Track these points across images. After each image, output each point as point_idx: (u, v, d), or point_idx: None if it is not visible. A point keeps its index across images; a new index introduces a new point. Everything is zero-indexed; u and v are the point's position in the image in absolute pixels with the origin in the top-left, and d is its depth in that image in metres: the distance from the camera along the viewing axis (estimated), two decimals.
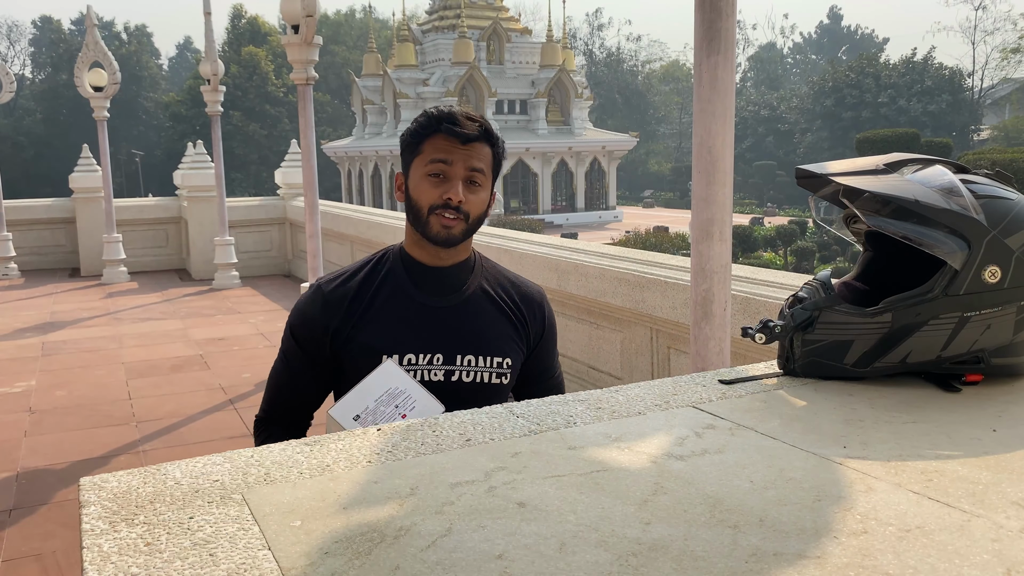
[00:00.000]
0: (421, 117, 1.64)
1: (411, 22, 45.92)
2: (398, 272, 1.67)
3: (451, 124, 1.59)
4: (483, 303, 1.68)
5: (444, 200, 1.57)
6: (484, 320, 1.67)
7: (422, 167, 1.60)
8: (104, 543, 0.72)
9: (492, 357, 1.65)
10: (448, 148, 1.58)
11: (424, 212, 1.59)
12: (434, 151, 1.59)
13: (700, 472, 0.86)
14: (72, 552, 3.37)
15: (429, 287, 1.65)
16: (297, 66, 5.75)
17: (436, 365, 1.61)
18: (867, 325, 1.12)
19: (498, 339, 1.67)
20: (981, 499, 0.80)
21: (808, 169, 1.18)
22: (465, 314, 1.66)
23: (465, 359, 1.63)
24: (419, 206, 1.60)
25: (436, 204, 1.58)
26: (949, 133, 43.41)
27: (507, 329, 1.70)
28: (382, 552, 0.70)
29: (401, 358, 1.59)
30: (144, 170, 49.98)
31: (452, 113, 1.61)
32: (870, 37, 76.72)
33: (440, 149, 1.59)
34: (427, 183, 1.59)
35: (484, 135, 1.62)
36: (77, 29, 56.46)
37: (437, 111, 1.62)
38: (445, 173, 1.58)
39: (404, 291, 1.65)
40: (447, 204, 1.57)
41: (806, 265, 22.55)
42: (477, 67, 38.63)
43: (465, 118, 1.61)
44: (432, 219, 1.59)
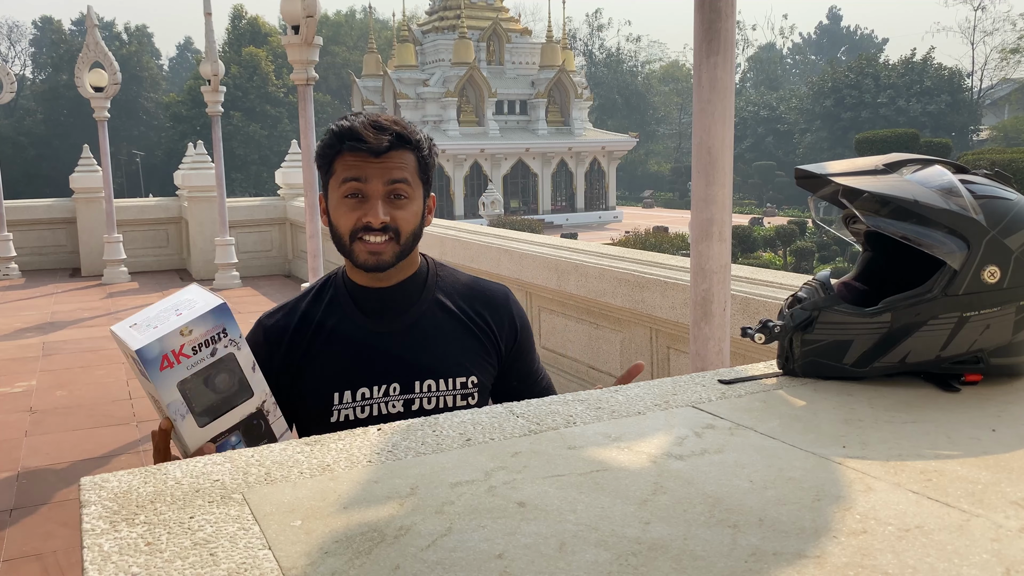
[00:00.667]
0: (325, 134, 1.47)
1: (411, 23, 45.94)
2: (342, 299, 1.52)
3: (354, 140, 1.41)
4: (439, 320, 1.53)
5: (364, 223, 1.42)
6: (442, 339, 1.51)
7: (337, 188, 1.44)
8: (104, 543, 0.72)
9: (454, 379, 1.50)
10: (359, 164, 1.42)
11: (346, 239, 1.45)
12: (345, 169, 1.43)
13: (700, 472, 0.87)
14: (72, 552, 3.37)
15: (375, 311, 1.50)
16: (297, 67, 5.76)
17: (393, 396, 1.47)
18: (866, 325, 1.12)
19: (460, 357, 1.51)
20: (980, 499, 0.80)
21: (807, 169, 1.18)
22: (420, 335, 1.50)
23: (424, 384, 1.48)
24: (340, 233, 1.45)
25: (356, 228, 1.43)
26: (948, 133, 43.40)
27: (469, 343, 1.54)
28: (382, 552, 0.71)
29: (354, 393, 1.46)
30: (144, 170, 49.99)
31: (353, 127, 1.43)
32: (869, 37, 76.74)
33: (350, 167, 1.42)
34: (344, 206, 1.44)
35: (398, 142, 1.43)
36: (78, 29, 56.46)
37: (339, 126, 1.45)
38: (362, 192, 1.42)
39: (350, 319, 1.50)
40: (368, 227, 1.42)
41: (805, 265, 22.55)
42: (477, 67, 38.63)
43: (372, 128, 1.43)
44: (356, 246, 1.44)
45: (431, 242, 6.49)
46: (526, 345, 1.63)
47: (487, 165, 39.17)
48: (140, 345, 1.17)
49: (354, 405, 1.46)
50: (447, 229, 6.78)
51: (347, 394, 1.46)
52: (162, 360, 1.18)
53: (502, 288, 1.64)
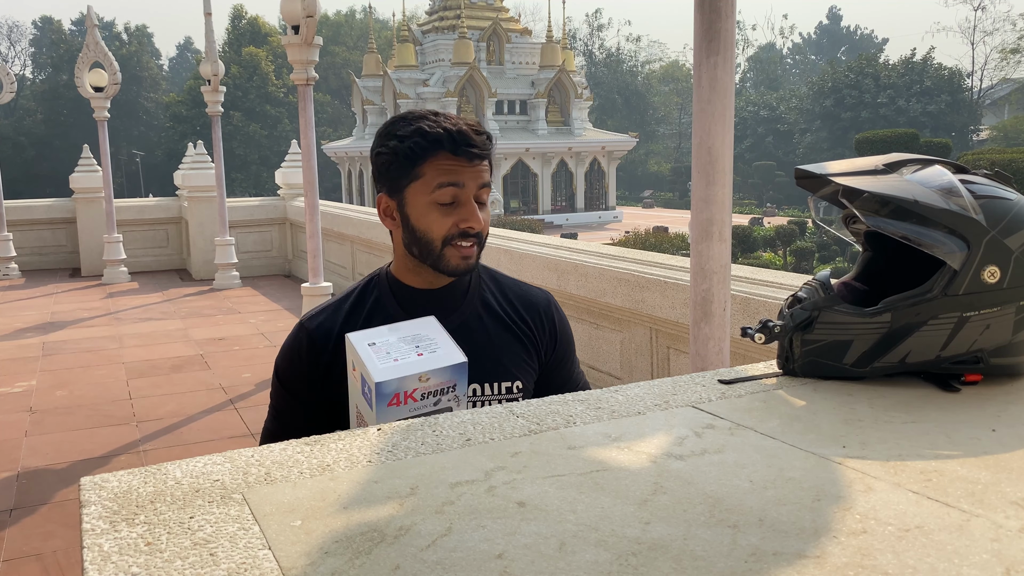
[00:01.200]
0: (414, 135, 1.38)
1: (411, 23, 45.95)
2: (387, 300, 1.47)
3: (466, 145, 1.36)
4: (485, 321, 1.49)
5: (463, 229, 1.38)
6: (488, 341, 1.47)
7: (426, 194, 1.38)
8: (104, 543, 0.72)
9: (500, 383, 1.46)
10: (458, 169, 1.37)
11: (438, 245, 1.40)
12: (441, 174, 1.37)
13: (700, 472, 0.87)
14: (72, 552, 3.37)
15: (421, 312, 1.43)
16: (297, 67, 5.76)
17: None
18: (866, 325, 1.12)
19: (505, 361, 1.47)
20: (980, 499, 0.80)
21: (807, 169, 1.18)
22: (466, 338, 1.43)
23: (470, 389, 1.43)
24: (429, 239, 1.40)
25: (452, 234, 1.39)
26: (948, 133, 43.42)
27: (514, 347, 1.50)
28: (382, 552, 0.71)
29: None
30: (144, 170, 50.00)
31: (463, 130, 1.37)
32: (869, 37, 76.76)
33: (448, 172, 1.37)
34: (436, 212, 1.39)
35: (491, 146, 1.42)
36: (78, 29, 56.47)
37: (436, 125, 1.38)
38: (457, 198, 1.38)
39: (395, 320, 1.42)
40: (465, 232, 1.39)
41: (805, 265, 22.56)
42: (477, 67, 38.64)
43: (474, 132, 1.39)
44: (448, 251, 1.40)
45: None
46: (566, 353, 1.60)
47: None
48: (381, 379, 1.19)
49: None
50: None
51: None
52: (393, 397, 1.21)
53: (544, 293, 1.61)
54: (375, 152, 1.43)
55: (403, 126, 1.40)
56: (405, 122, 1.41)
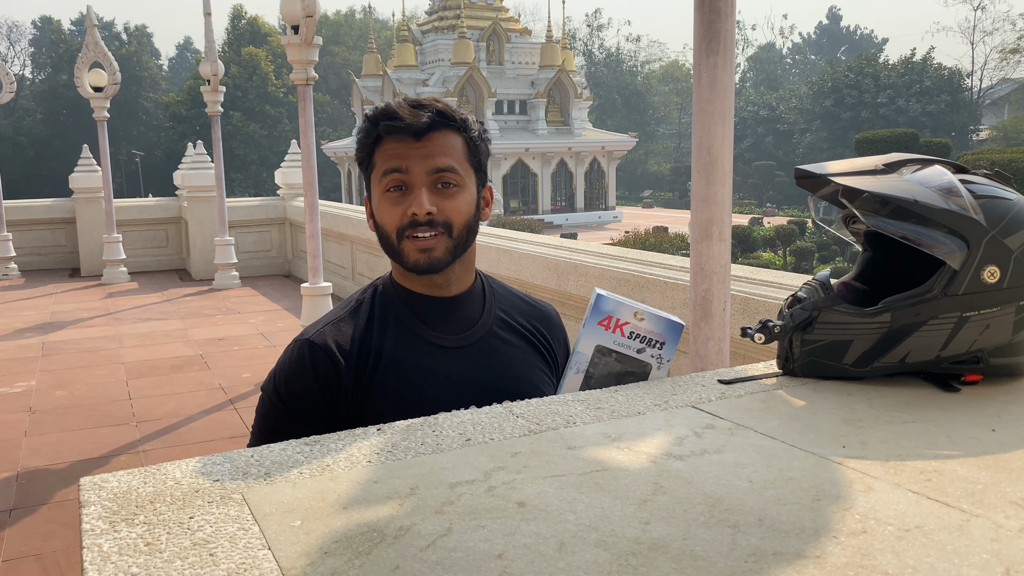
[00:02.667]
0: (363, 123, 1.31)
1: (411, 23, 45.95)
2: (399, 310, 1.34)
3: (389, 120, 1.27)
4: (506, 336, 1.38)
5: (410, 216, 1.26)
6: (512, 356, 1.37)
7: (378, 183, 1.29)
8: (104, 543, 0.72)
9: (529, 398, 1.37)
10: (399, 151, 1.27)
11: (394, 238, 1.29)
12: (385, 159, 1.28)
13: (699, 472, 0.87)
14: (72, 552, 3.37)
15: (441, 325, 1.33)
16: (297, 66, 5.76)
17: None
18: (866, 325, 1.12)
19: (531, 376, 1.38)
20: (980, 499, 0.80)
21: (807, 169, 1.18)
22: (490, 352, 1.35)
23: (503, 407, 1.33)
24: (386, 232, 1.30)
25: (403, 224, 1.27)
26: (948, 133, 43.43)
27: (536, 361, 1.41)
28: (382, 552, 0.71)
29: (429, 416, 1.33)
30: (144, 170, 50.00)
31: (387, 107, 1.28)
32: (869, 37, 76.78)
33: (391, 155, 1.27)
34: (387, 202, 1.28)
35: (442, 120, 1.28)
36: (77, 29, 56.48)
37: (372, 109, 1.30)
38: (405, 183, 1.27)
39: (414, 333, 1.32)
40: (414, 221, 1.26)
41: (805, 265, 22.55)
42: (477, 67, 38.63)
43: (409, 107, 1.28)
44: (405, 245, 1.28)
45: None
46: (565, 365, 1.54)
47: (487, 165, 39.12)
48: (604, 293, 1.23)
49: None
50: None
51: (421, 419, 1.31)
52: (606, 318, 1.22)
53: (551, 306, 1.54)
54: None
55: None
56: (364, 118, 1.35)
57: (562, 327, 1.51)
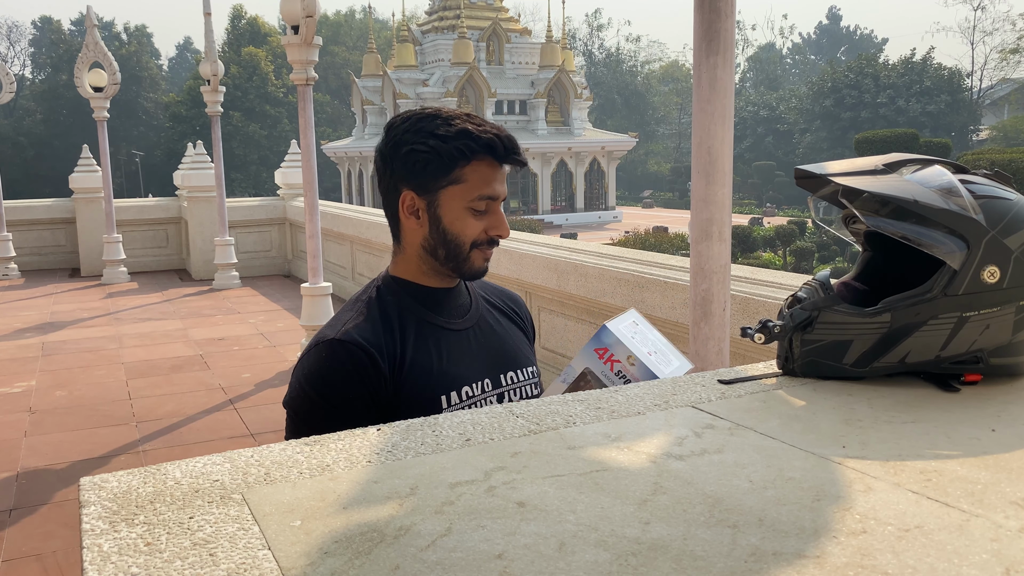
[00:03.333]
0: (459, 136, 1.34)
1: (411, 23, 45.96)
2: (408, 303, 1.44)
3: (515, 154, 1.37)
4: (495, 315, 1.55)
5: (493, 236, 1.40)
6: (504, 331, 1.54)
7: (463, 198, 1.36)
8: (104, 543, 0.72)
9: (527, 368, 1.53)
10: (496, 178, 1.37)
11: (466, 248, 1.39)
12: (483, 183, 1.36)
13: (699, 472, 0.87)
14: (72, 552, 3.37)
15: (447, 311, 1.46)
16: (297, 67, 5.76)
17: (489, 391, 1.45)
18: (866, 325, 1.12)
19: (522, 348, 1.55)
20: (980, 499, 0.80)
21: (807, 169, 1.18)
22: (488, 330, 1.51)
23: (508, 377, 1.48)
24: (459, 241, 1.39)
25: (480, 240, 1.40)
26: (948, 133, 43.44)
27: (520, 335, 1.58)
28: (382, 552, 0.71)
29: (459, 393, 1.40)
30: (144, 170, 50.00)
31: (511, 137, 1.37)
32: (869, 37, 76.81)
33: (489, 180, 1.37)
34: (470, 216, 1.38)
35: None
36: (77, 29, 56.47)
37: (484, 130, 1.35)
38: (489, 206, 1.39)
39: (427, 321, 1.43)
40: (494, 240, 1.41)
41: (805, 265, 22.56)
42: (477, 67, 38.64)
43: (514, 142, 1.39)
44: (475, 254, 1.40)
45: None
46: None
47: None
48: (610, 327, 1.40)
49: (462, 405, 1.40)
50: None
51: (453, 395, 1.40)
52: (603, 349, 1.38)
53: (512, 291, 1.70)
54: (408, 147, 1.35)
55: (442, 125, 1.35)
56: (442, 120, 1.36)
57: (526, 307, 1.68)
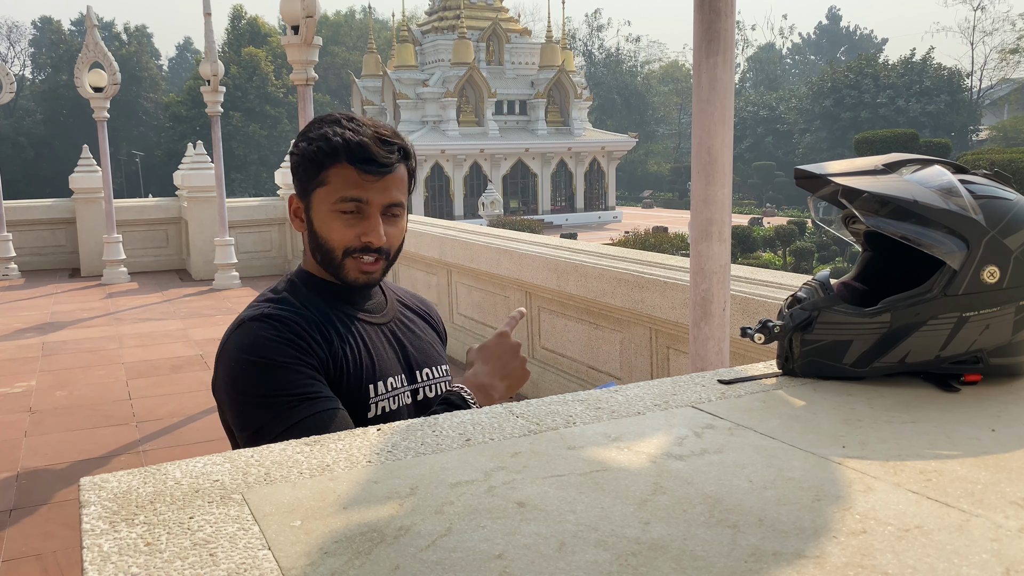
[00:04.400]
0: (319, 139, 1.33)
1: (411, 23, 45.96)
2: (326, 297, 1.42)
3: (365, 161, 1.32)
4: (408, 315, 1.54)
5: (364, 243, 1.35)
6: (418, 330, 1.53)
7: (328, 202, 1.34)
8: (104, 543, 0.72)
9: (440, 366, 1.52)
10: (361, 183, 1.32)
11: (337, 255, 1.36)
12: (344, 186, 1.33)
13: (699, 472, 0.87)
14: (72, 552, 3.37)
15: (364, 306, 1.45)
16: (297, 67, 5.76)
17: (405, 387, 1.44)
18: (866, 325, 1.12)
19: (435, 346, 1.55)
20: (980, 499, 0.80)
21: (807, 169, 1.18)
22: (403, 328, 1.50)
23: (423, 373, 1.48)
24: (329, 247, 1.36)
25: (353, 246, 1.35)
26: (948, 133, 43.44)
27: (433, 336, 1.57)
28: (382, 552, 0.71)
29: (385, 383, 1.40)
30: (144, 170, 50.00)
31: (363, 143, 1.32)
32: (869, 38, 76.83)
33: (351, 183, 1.32)
34: (338, 220, 1.35)
35: (402, 157, 1.37)
36: (77, 30, 56.47)
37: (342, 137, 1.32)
38: (360, 210, 1.34)
39: (348, 314, 1.42)
40: (367, 248, 1.35)
41: (805, 265, 22.56)
42: (476, 68, 38.64)
43: (379, 142, 1.33)
44: (348, 263, 1.37)
45: (431, 243, 6.49)
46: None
47: (487, 165, 39.19)
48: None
49: (387, 396, 1.40)
50: (447, 229, 6.78)
51: (380, 385, 1.39)
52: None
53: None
54: (290, 151, 1.42)
55: (315, 128, 1.36)
56: (317, 124, 1.37)
57: (438, 312, 1.68)
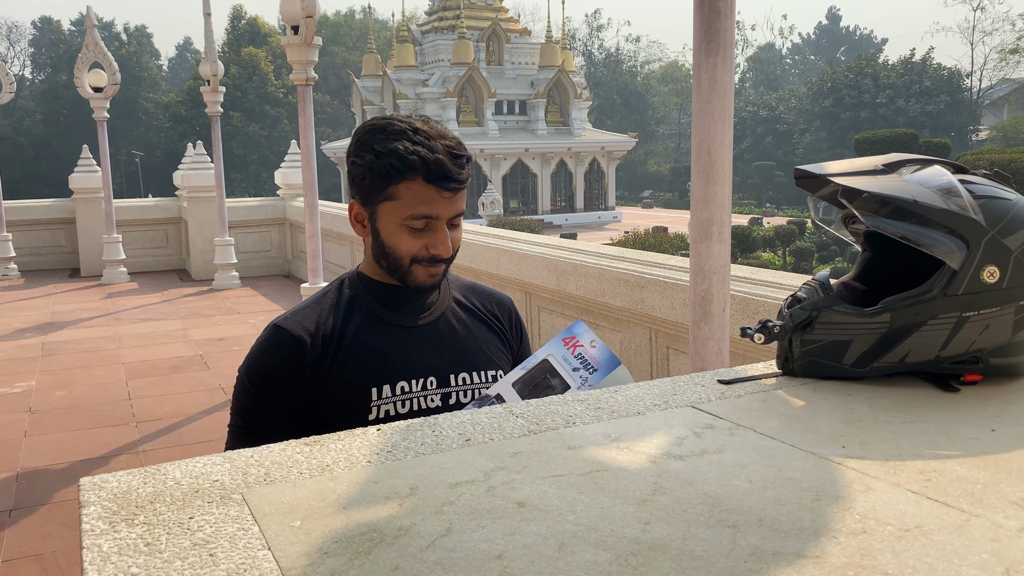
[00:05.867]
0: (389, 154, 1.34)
1: (410, 23, 45.95)
2: (363, 297, 1.47)
3: (442, 179, 1.34)
4: (461, 315, 1.53)
5: (432, 254, 1.39)
6: (467, 333, 1.51)
7: (399, 216, 1.37)
8: (104, 543, 0.72)
9: (485, 371, 1.50)
10: (435, 199, 1.35)
11: (405, 262, 1.41)
12: (416, 203, 1.35)
13: (699, 472, 0.87)
14: (72, 552, 3.37)
15: (402, 308, 1.47)
16: (297, 67, 5.76)
17: (431, 390, 1.44)
18: (866, 325, 1.12)
19: (486, 350, 1.52)
20: (980, 499, 0.80)
21: (807, 169, 1.18)
22: (447, 329, 1.49)
23: (459, 378, 1.47)
24: (397, 255, 1.41)
25: (421, 256, 1.40)
26: (947, 133, 43.43)
27: (490, 338, 1.55)
28: (382, 552, 0.71)
29: (393, 387, 1.41)
30: (144, 171, 49.99)
31: (439, 161, 1.33)
32: (869, 38, 76.81)
33: (423, 200, 1.35)
34: (407, 232, 1.38)
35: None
36: (77, 30, 56.45)
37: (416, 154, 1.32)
38: (429, 225, 1.38)
39: (377, 315, 1.45)
40: (435, 258, 1.40)
41: (805, 265, 22.56)
42: (476, 68, 38.64)
43: (453, 159, 1.35)
44: (416, 268, 1.41)
45: None
46: (528, 349, 1.65)
47: (486, 165, 39.19)
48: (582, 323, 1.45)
49: (394, 400, 1.40)
50: None
51: (386, 388, 1.40)
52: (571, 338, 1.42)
53: (506, 295, 1.68)
54: (351, 160, 1.41)
55: (381, 140, 1.36)
56: (384, 135, 1.36)
57: (516, 313, 1.65)
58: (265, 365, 1.41)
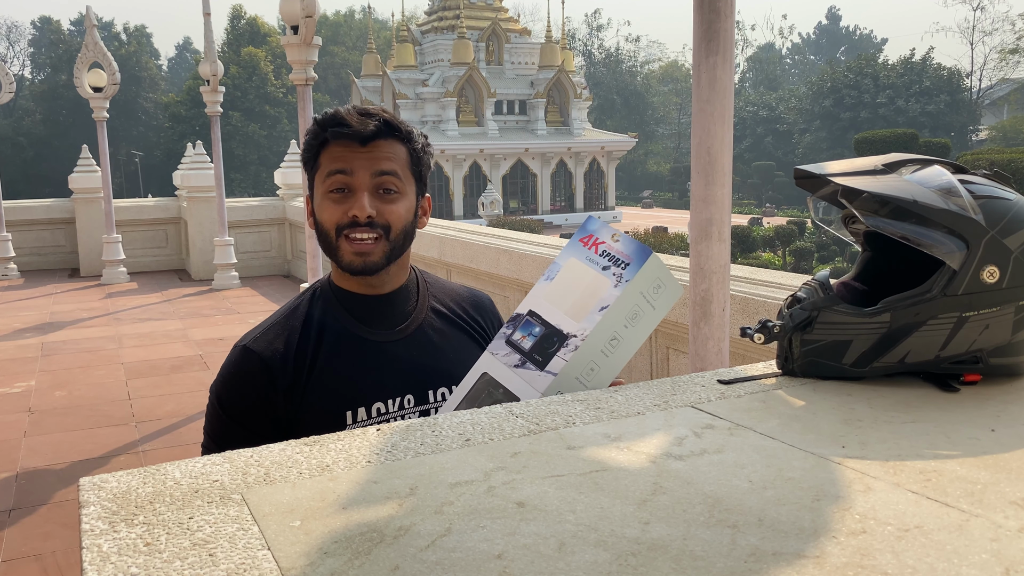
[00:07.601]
0: (311, 126, 1.38)
1: (410, 23, 45.97)
2: (336, 311, 1.40)
3: (338, 126, 1.33)
4: (439, 326, 1.46)
5: (350, 217, 1.33)
6: (446, 344, 1.45)
7: (321, 183, 1.35)
8: (104, 543, 0.72)
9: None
10: (344, 155, 1.33)
11: (332, 235, 1.35)
12: (330, 161, 1.34)
13: (699, 472, 0.87)
14: (72, 552, 3.37)
15: (376, 321, 1.41)
16: (296, 67, 5.76)
17: (409, 408, 1.38)
18: (866, 325, 1.12)
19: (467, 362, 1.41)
20: (979, 499, 0.80)
21: (807, 169, 1.18)
22: (424, 342, 1.43)
23: (438, 393, 1.41)
24: (324, 228, 1.36)
25: (342, 223, 1.34)
26: (947, 133, 43.45)
27: (472, 348, 1.47)
28: (381, 552, 0.71)
29: (368, 410, 1.35)
30: (144, 170, 49.98)
31: (336, 113, 1.35)
32: (868, 38, 76.83)
33: (336, 158, 1.34)
34: (328, 200, 1.34)
35: (386, 129, 1.35)
36: (76, 30, 56.45)
37: (323, 115, 1.36)
38: (348, 185, 1.33)
39: (350, 332, 1.39)
40: (354, 221, 1.33)
41: (805, 265, 22.57)
42: (476, 68, 38.65)
43: (357, 114, 1.34)
44: (342, 243, 1.35)
45: (430, 242, 6.49)
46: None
47: (486, 165, 39.19)
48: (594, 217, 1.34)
49: (370, 422, 1.34)
50: (446, 229, 6.78)
51: (361, 411, 1.35)
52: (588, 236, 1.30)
53: (485, 294, 1.62)
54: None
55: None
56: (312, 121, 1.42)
57: (495, 311, 1.59)
58: (235, 390, 1.36)
